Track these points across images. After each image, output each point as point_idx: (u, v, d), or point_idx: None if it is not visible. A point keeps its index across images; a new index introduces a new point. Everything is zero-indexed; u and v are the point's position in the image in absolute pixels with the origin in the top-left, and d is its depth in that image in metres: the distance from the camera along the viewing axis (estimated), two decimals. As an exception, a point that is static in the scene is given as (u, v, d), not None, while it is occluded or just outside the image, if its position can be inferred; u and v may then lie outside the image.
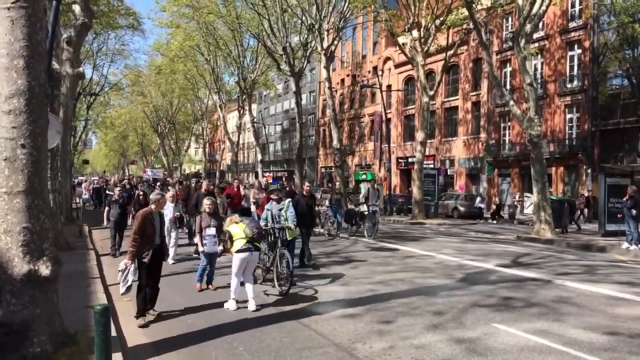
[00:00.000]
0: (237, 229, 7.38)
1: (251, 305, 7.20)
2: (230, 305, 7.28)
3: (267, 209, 9.29)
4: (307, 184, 12.91)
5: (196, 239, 8.45)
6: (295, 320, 6.75)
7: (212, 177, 53.93)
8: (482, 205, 28.80)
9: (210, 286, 8.53)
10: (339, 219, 16.85)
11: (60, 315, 5.23)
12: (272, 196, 9.57)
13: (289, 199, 9.58)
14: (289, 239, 8.98)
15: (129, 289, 6.42)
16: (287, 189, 17.46)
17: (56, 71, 11.51)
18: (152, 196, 7.04)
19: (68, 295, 6.88)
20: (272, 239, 9.08)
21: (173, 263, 10.69)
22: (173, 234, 11.09)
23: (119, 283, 6.44)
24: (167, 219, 9.86)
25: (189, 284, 8.74)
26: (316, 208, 13.60)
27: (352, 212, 17.41)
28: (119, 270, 6.39)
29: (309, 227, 11.44)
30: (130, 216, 12.67)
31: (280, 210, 9.16)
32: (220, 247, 8.25)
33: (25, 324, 4.75)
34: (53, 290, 5.11)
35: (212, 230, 8.18)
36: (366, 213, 16.40)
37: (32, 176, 4.87)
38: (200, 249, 8.26)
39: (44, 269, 4.86)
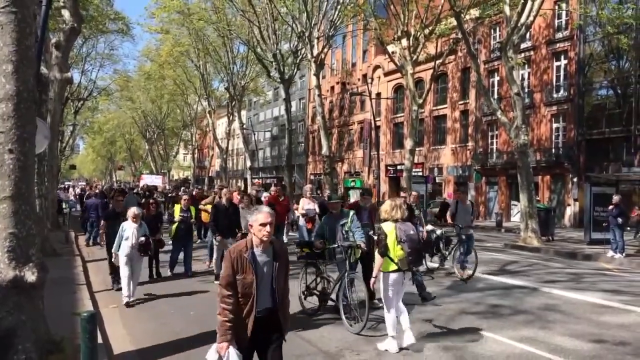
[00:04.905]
0: (390, 238, 5.76)
1: (408, 339, 5.79)
2: (390, 346, 5.75)
3: (325, 223, 7.80)
4: (414, 193, 10.92)
5: None
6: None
7: (201, 183, 53.76)
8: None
9: None
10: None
11: (46, 322, 5.17)
12: (332, 210, 7.83)
13: (353, 211, 7.89)
14: (355, 258, 7.32)
15: None
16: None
17: (44, 76, 11.43)
18: (251, 216, 3.75)
19: (54, 301, 6.80)
20: (333, 259, 7.53)
21: (133, 302, 8.07)
22: (135, 267, 8.28)
23: None
24: (127, 242, 8.06)
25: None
26: (422, 229, 10.29)
27: (433, 237, 11.24)
28: None
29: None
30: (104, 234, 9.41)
31: (343, 224, 7.50)
32: None
33: (10, 331, 4.69)
34: (39, 297, 5.05)
35: None
36: (457, 239, 11.00)
37: (19, 182, 4.82)
38: None
39: (30, 275, 4.81)
